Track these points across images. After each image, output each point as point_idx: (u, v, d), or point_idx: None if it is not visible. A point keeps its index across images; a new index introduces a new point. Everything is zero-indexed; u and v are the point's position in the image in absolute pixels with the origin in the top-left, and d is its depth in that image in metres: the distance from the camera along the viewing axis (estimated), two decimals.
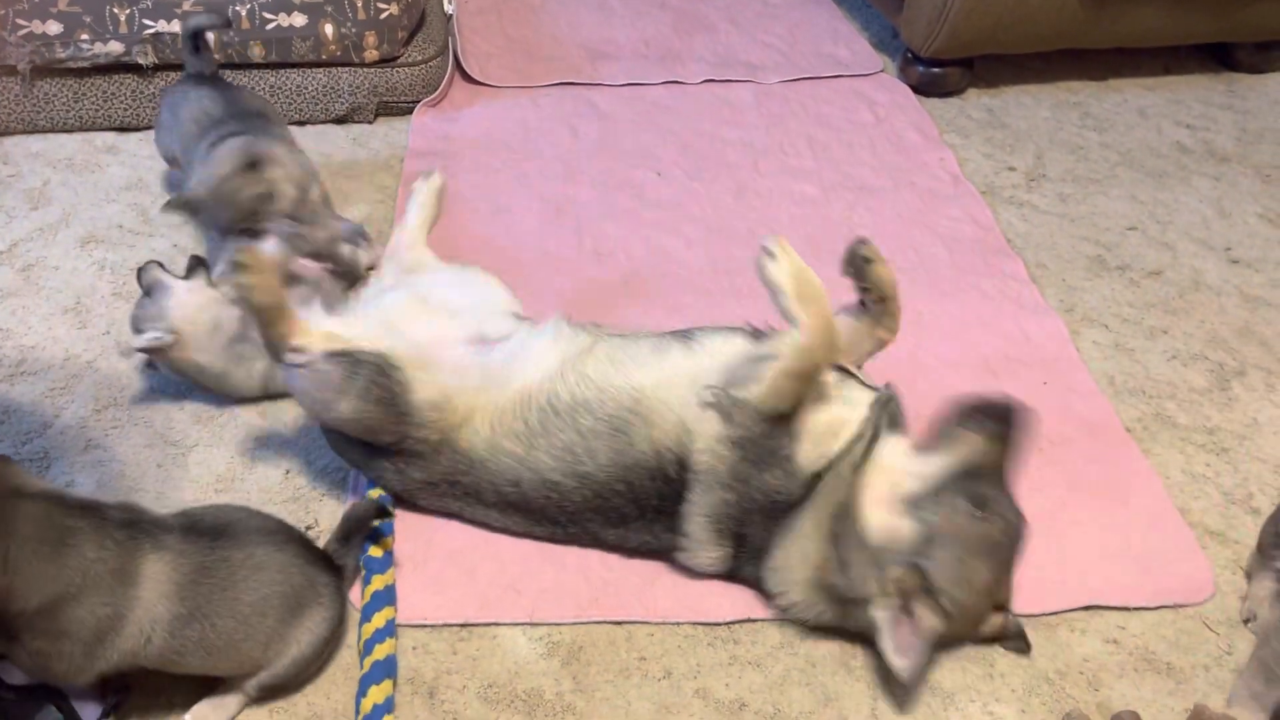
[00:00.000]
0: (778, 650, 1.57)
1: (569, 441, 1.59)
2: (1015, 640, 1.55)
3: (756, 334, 1.64)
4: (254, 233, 1.97)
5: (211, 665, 1.40)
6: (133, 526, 1.36)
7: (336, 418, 1.62)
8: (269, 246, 1.91)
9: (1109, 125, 2.95)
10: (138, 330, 1.83)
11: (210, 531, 1.42)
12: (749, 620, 1.61)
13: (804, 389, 1.52)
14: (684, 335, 1.67)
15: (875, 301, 1.69)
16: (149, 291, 1.86)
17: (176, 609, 1.34)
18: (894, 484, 1.52)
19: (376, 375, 1.58)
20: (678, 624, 1.60)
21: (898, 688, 1.51)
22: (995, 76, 3.12)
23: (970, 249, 2.44)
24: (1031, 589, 1.65)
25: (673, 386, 1.59)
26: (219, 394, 1.90)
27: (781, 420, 1.52)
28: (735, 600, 1.63)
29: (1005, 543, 1.50)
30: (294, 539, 1.50)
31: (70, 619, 1.29)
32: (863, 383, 1.64)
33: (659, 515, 1.60)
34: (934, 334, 2.18)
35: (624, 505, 1.60)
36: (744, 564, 1.60)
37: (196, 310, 1.84)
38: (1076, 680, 1.55)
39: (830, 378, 1.59)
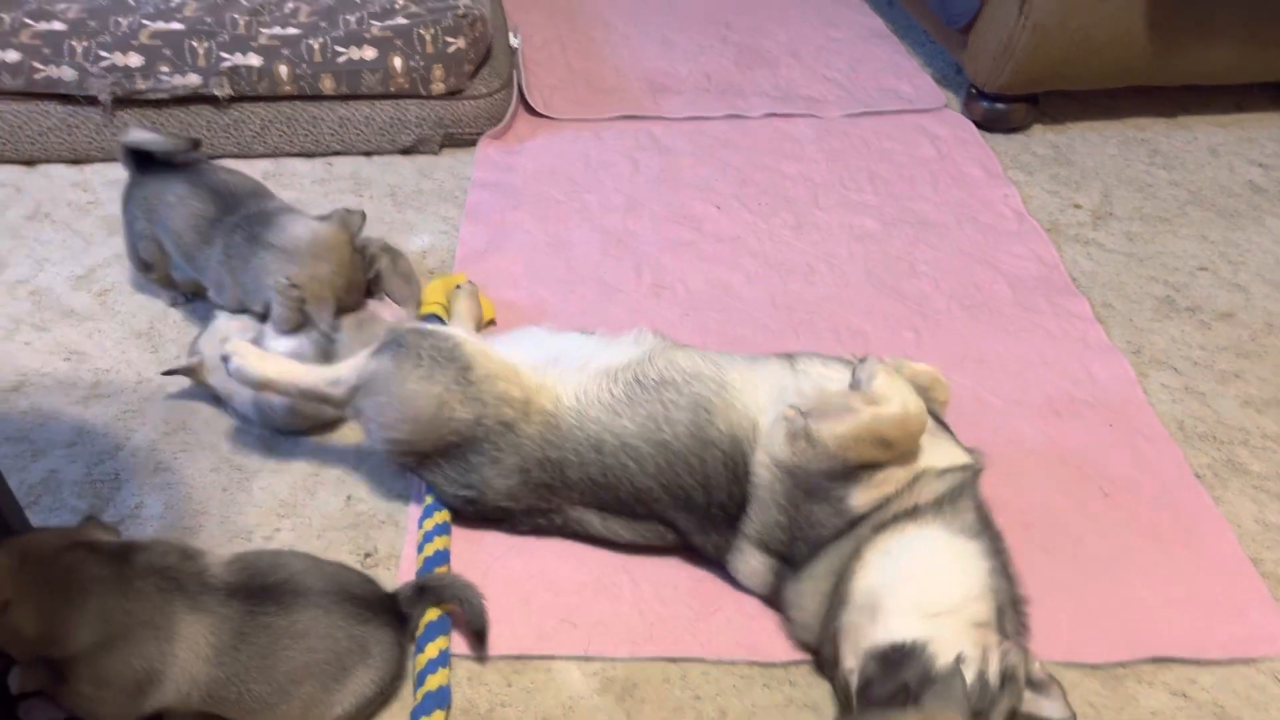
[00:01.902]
0: (834, 695, 1.55)
1: (653, 411, 1.63)
2: None
3: (859, 362, 1.64)
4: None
5: None
6: (160, 575, 1.35)
7: (411, 408, 1.64)
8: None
9: (1179, 163, 2.90)
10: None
11: (258, 593, 1.40)
12: (806, 662, 1.59)
13: (876, 455, 1.50)
14: (786, 354, 1.70)
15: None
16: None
17: (214, 672, 1.34)
18: (876, 606, 1.43)
19: (418, 338, 1.68)
20: (733, 663, 1.59)
21: None
22: (1061, 112, 3.09)
23: (1034, 287, 2.40)
24: (1097, 638, 1.62)
25: (759, 387, 1.63)
26: (262, 425, 1.94)
27: (846, 467, 1.51)
28: (791, 639, 1.61)
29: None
30: (348, 597, 1.46)
31: (108, 669, 1.30)
32: (954, 440, 1.62)
33: (723, 512, 1.60)
34: (997, 373, 2.15)
35: (693, 487, 1.61)
36: (783, 586, 1.59)
37: (225, 328, 1.94)
38: None
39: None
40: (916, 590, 1.42)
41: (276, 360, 1.78)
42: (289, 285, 1.86)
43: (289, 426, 1.93)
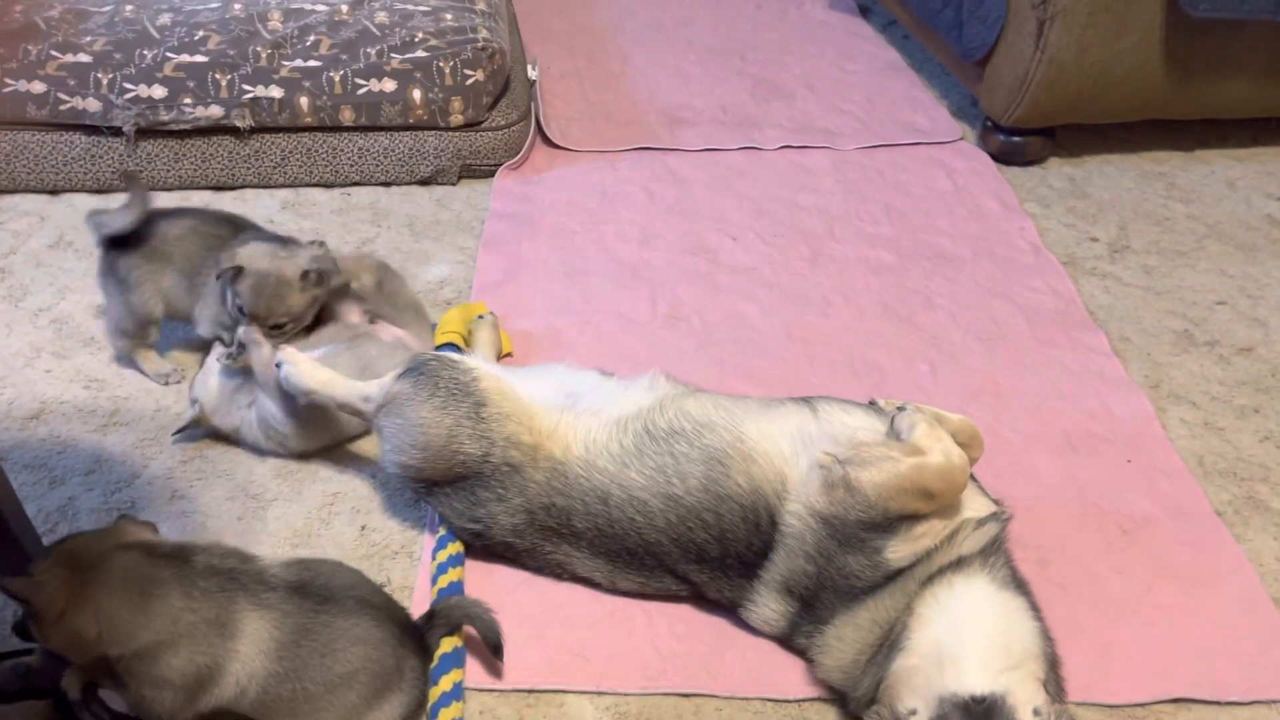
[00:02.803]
0: None
1: (661, 464, 1.62)
2: None
3: (875, 408, 1.65)
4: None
5: None
6: (223, 576, 1.39)
7: (423, 435, 1.66)
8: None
9: (1196, 197, 2.89)
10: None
11: (318, 593, 1.44)
12: (820, 699, 1.57)
13: (917, 506, 1.49)
14: (803, 399, 1.68)
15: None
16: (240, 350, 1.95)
17: (274, 667, 1.37)
18: (944, 656, 1.41)
19: (439, 368, 1.71)
20: (746, 699, 1.57)
21: None
22: (1078, 145, 3.09)
23: (1051, 320, 2.39)
24: (1117, 678, 1.60)
25: (779, 438, 1.60)
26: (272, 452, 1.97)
27: (885, 518, 1.50)
28: (805, 676, 1.59)
29: None
30: (394, 618, 1.51)
31: (169, 667, 1.33)
32: (981, 490, 1.61)
33: (740, 563, 1.59)
34: (1014, 407, 2.14)
35: (707, 541, 1.59)
36: (800, 630, 1.58)
37: (208, 375, 1.96)
38: None
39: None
40: (988, 644, 1.40)
41: (322, 372, 1.83)
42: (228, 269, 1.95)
43: (299, 449, 1.95)
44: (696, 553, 1.60)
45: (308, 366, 1.83)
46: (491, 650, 1.58)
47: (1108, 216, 2.80)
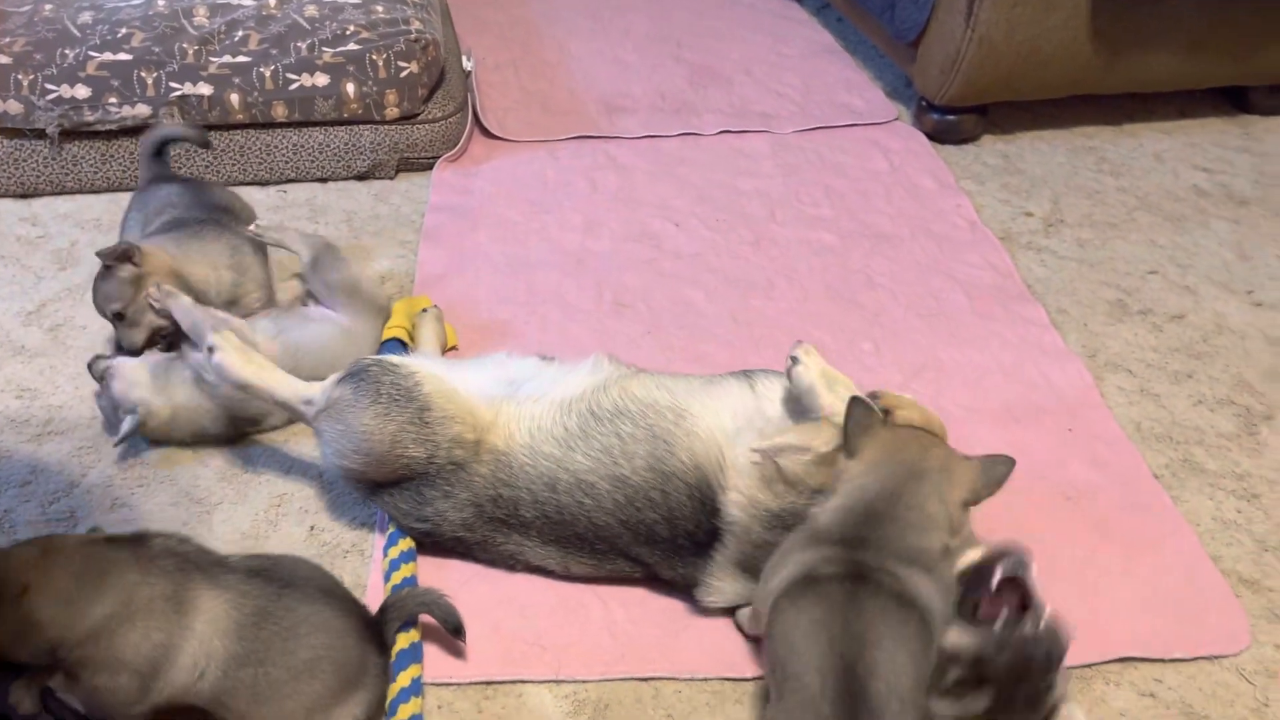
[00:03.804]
0: None
1: (607, 445, 1.62)
2: None
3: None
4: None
5: (253, 715, 1.39)
6: (180, 557, 1.38)
7: (365, 442, 1.64)
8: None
9: (1125, 169, 2.96)
10: (114, 427, 1.90)
11: (279, 579, 1.43)
12: None
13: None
14: (743, 373, 1.71)
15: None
16: (102, 380, 1.91)
17: (234, 648, 1.35)
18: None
19: (380, 373, 1.67)
20: (705, 679, 1.58)
21: None
22: (1010, 122, 3.14)
23: (990, 295, 2.43)
24: None
25: (721, 413, 1.62)
26: (205, 440, 1.95)
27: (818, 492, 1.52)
28: (760, 653, 1.61)
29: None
30: (357, 612, 1.50)
31: (124, 644, 1.31)
32: None
33: (691, 543, 1.60)
34: (955, 382, 2.17)
35: (656, 522, 1.60)
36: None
37: (134, 370, 1.91)
38: None
39: None
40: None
41: (258, 364, 1.77)
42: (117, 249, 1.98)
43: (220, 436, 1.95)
44: (647, 534, 1.61)
45: (240, 357, 1.76)
46: (452, 633, 1.58)
47: (1041, 191, 2.85)
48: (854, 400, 1.49)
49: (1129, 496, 1.91)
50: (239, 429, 1.96)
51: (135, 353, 2.01)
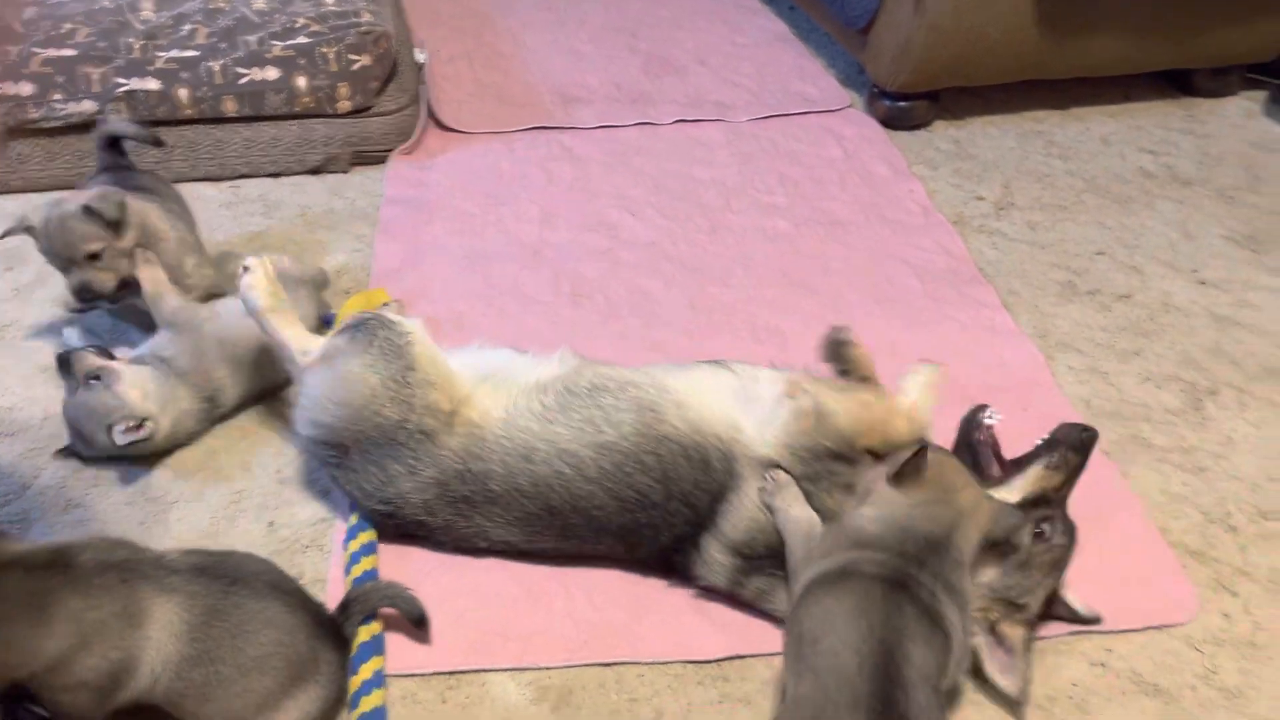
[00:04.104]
0: (767, 686, 1.57)
1: (589, 416, 1.65)
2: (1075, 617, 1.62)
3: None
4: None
5: (202, 713, 1.39)
6: (118, 568, 1.36)
7: (346, 391, 1.65)
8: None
9: (1074, 153, 3.00)
10: (107, 426, 1.79)
11: (226, 575, 1.42)
12: (737, 657, 1.60)
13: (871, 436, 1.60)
14: (712, 360, 1.75)
15: (859, 381, 1.74)
16: (93, 378, 1.83)
17: (186, 650, 1.35)
18: None
19: (377, 327, 1.70)
20: (667, 663, 1.60)
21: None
22: (961, 108, 3.18)
23: (943, 279, 2.47)
24: None
25: (706, 391, 1.67)
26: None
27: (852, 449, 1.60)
28: (722, 637, 1.63)
29: (1064, 558, 1.59)
30: (308, 606, 1.49)
31: (83, 669, 1.30)
32: None
33: (686, 505, 1.61)
34: (908, 364, 2.19)
35: (649, 485, 1.61)
36: (752, 580, 1.62)
37: (141, 378, 1.86)
38: (1065, 705, 1.55)
39: None
40: None
41: (278, 302, 1.80)
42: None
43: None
44: (636, 501, 1.62)
45: (268, 287, 1.79)
46: (415, 624, 1.58)
47: (992, 176, 2.89)
48: (922, 449, 1.49)
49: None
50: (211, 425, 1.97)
51: (103, 298, 2.00)
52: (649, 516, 1.63)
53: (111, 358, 1.89)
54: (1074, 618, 1.63)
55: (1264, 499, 1.90)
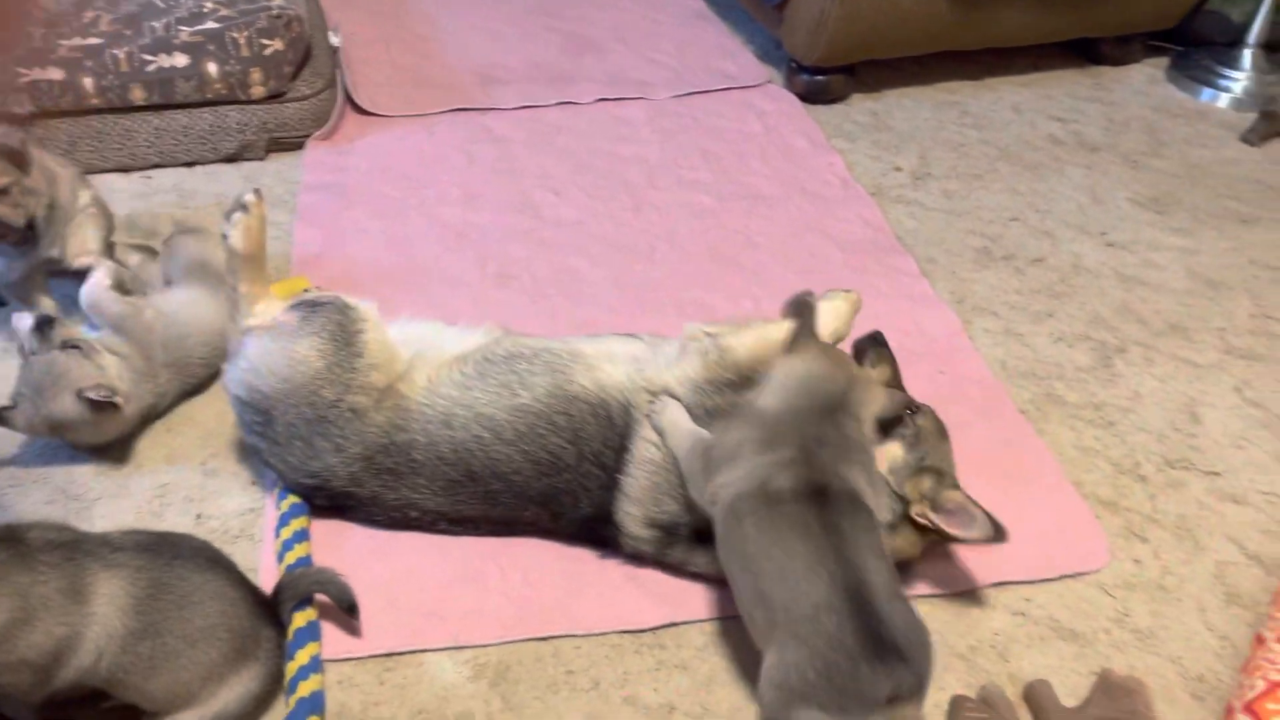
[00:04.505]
0: (702, 651, 1.60)
1: (505, 380, 1.69)
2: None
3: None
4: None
5: (149, 688, 1.38)
6: (65, 547, 1.35)
7: (290, 368, 1.66)
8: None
9: (987, 122, 3.08)
10: (78, 390, 1.75)
11: (169, 550, 1.42)
12: (672, 625, 1.63)
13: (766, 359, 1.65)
14: (625, 334, 1.81)
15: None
16: (72, 346, 1.80)
17: (131, 624, 1.34)
18: None
19: (333, 312, 1.71)
20: (603, 634, 1.62)
21: None
22: (877, 81, 3.23)
23: (863, 248, 2.52)
24: (940, 570, 1.72)
25: (617, 356, 1.72)
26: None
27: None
28: (657, 606, 1.65)
29: (941, 427, 1.71)
30: (246, 583, 1.50)
31: (27, 645, 1.28)
32: None
33: (599, 466, 1.65)
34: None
35: (561, 446, 1.65)
36: (675, 543, 1.65)
37: (120, 368, 1.84)
38: (988, 654, 1.61)
39: None
40: None
41: (255, 251, 1.79)
42: None
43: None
44: (550, 463, 1.65)
45: (253, 232, 1.79)
46: (346, 611, 1.58)
47: (909, 146, 2.95)
48: (803, 301, 1.61)
49: (997, 432, 2.02)
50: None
51: (12, 235, 1.97)
52: (565, 481, 1.66)
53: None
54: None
55: (1170, 449, 1.99)
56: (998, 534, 1.55)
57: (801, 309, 1.60)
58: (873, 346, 1.78)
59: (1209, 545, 1.80)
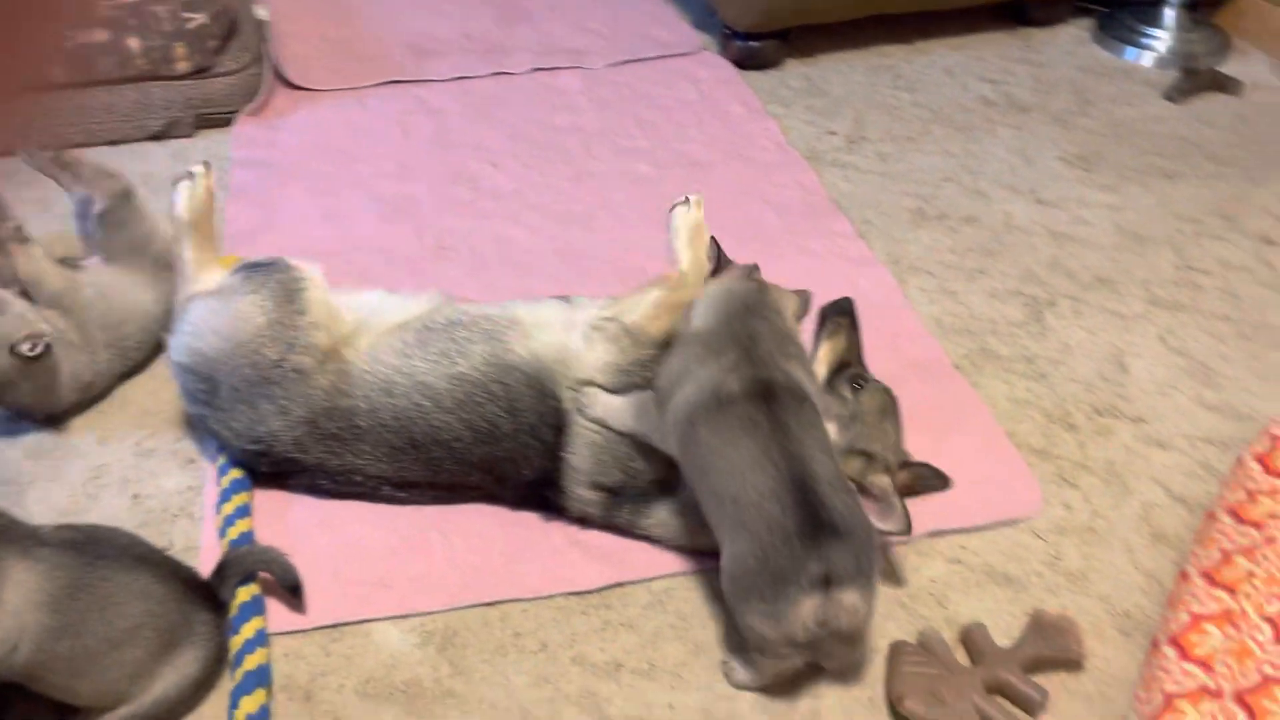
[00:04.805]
0: (648, 610, 1.62)
1: (445, 348, 1.69)
2: (932, 479, 1.65)
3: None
4: None
5: (74, 688, 1.36)
6: None
7: (230, 325, 1.67)
8: None
9: (919, 85, 3.11)
10: (10, 345, 1.73)
11: (93, 550, 1.39)
12: (617, 585, 1.65)
13: (676, 321, 1.66)
14: (560, 297, 1.82)
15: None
16: None
17: (47, 621, 1.31)
18: None
19: (276, 270, 1.73)
20: (549, 597, 1.63)
21: None
22: (811, 47, 3.25)
23: (800, 212, 2.54)
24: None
25: (552, 321, 1.73)
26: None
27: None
28: (603, 567, 1.67)
29: (888, 404, 1.70)
30: (177, 574, 1.47)
31: None
32: None
33: (534, 438, 1.66)
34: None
35: (498, 415, 1.66)
36: (622, 507, 1.67)
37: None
38: (926, 600, 1.65)
39: None
40: None
41: (203, 222, 1.82)
42: None
43: None
44: (489, 431, 1.66)
45: (200, 197, 1.82)
46: (290, 591, 1.57)
47: (843, 111, 2.97)
48: (713, 240, 1.71)
49: (932, 387, 2.06)
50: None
51: None
52: (505, 449, 1.67)
53: None
54: (922, 481, 1.69)
55: (1098, 398, 2.04)
56: (907, 529, 1.57)
57: (713, 244, 1.71)
58: (833, 315, 1.80)
59: (1136, 489, 1.86)
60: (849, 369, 1.74)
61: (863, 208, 2.57)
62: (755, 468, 1.41)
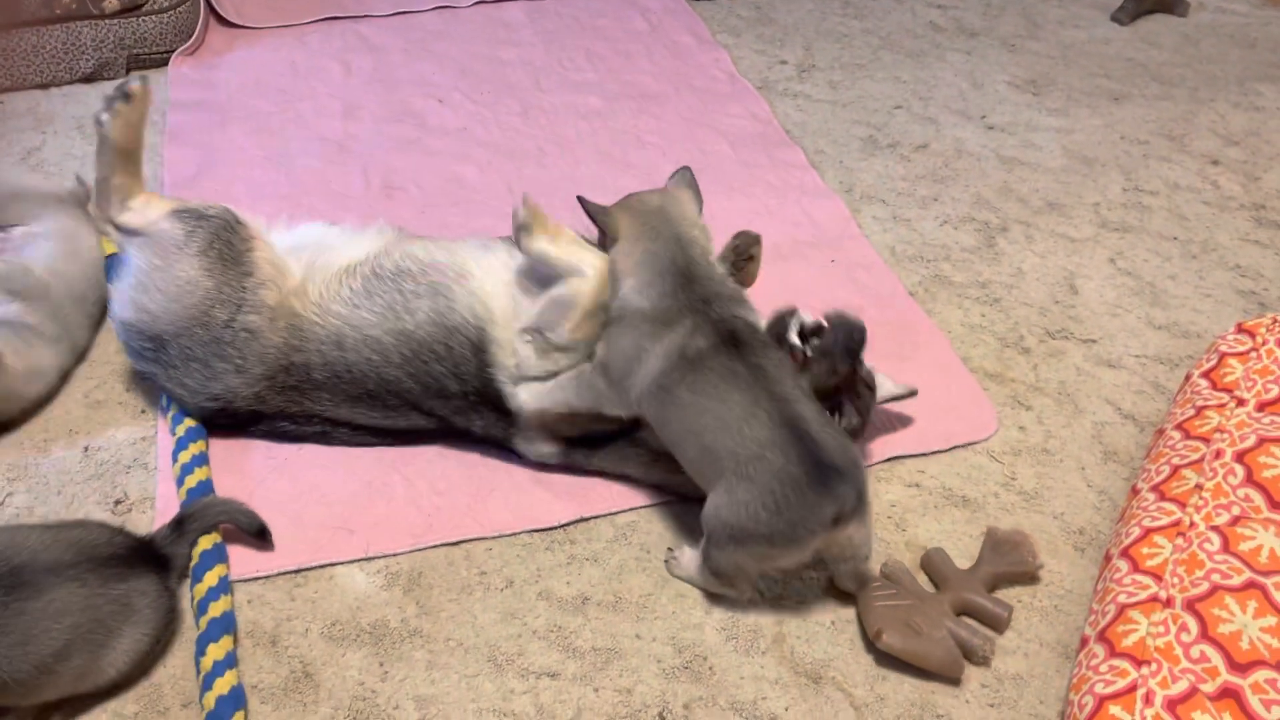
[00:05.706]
0: (613, 544, 1.63)
1: (391, 301, 1.65)
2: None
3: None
4: None
5: (21, 705, 1.35)
6: None
7: (177, 288, 1.60)
8: None
9: (868, 12, 3.08)
10: None
11: (4, 579, 1.30)
12: (582, 520, 1.66)
13: (600, 321, 1.59)
14: (507, 239, 1.73)
15: (744, 261, 1.83)
16: None
17: None
18: None
19: (221, 229, 1.64)
20: (514, 535, 1.64)
21: None
22: None
23: (752, 143, 2.52)
24: None
25: (499, 271, 1.67)
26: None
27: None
28: (567, 503, 1.67)
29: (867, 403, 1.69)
30: (99, 560, 1.39)
31: None
32: None
33: (483, 401, 1.65)
34: (724, 229, 2.21)
35: (444, 375, 1.64)
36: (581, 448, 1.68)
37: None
38: (886, 525, 1.68)
39: None
40: None
41: (133, 150, 1.70)
42: None
43: None
44: (437, 389, 1.65)
45: (137, 129, 1.70)
46: (256, 536, 1.56)
47: (793, 39, 2.94)
48: (583, 203, 1.60)
49: (889, 314, 2.07)
50: None
51: None
52: (455, 406, 1.67)
53: None
54: (893, 398, 1.75)
55: (1050, 321, 2.07)
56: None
57: (587, 209, 1.61)
58: (834, 359, 1.58)
59: (1088, 408, 1.89)
60: (836, 395, 1.63)
61: (815, 137, 2.56)
62: (748, 418, 1.41)
